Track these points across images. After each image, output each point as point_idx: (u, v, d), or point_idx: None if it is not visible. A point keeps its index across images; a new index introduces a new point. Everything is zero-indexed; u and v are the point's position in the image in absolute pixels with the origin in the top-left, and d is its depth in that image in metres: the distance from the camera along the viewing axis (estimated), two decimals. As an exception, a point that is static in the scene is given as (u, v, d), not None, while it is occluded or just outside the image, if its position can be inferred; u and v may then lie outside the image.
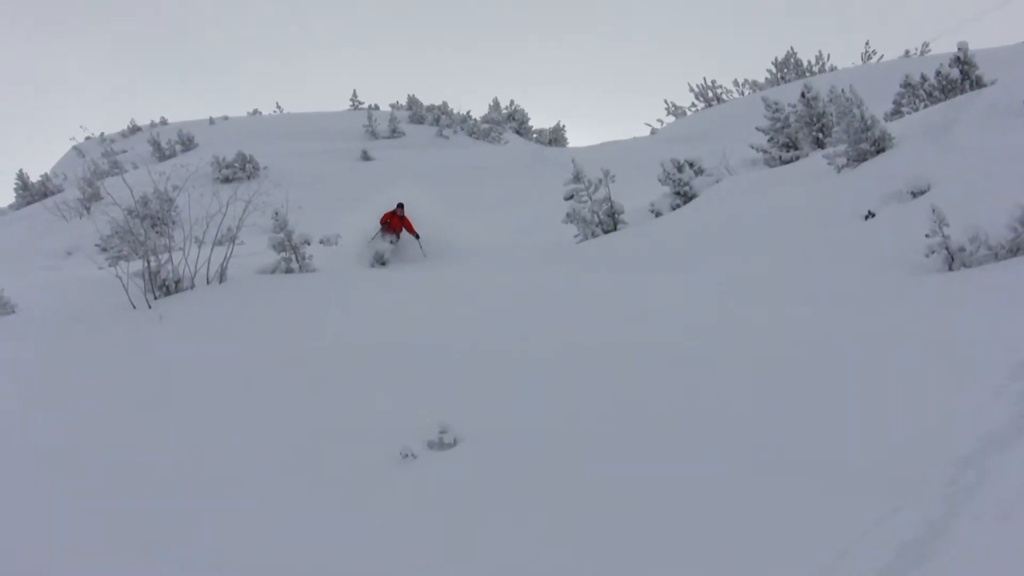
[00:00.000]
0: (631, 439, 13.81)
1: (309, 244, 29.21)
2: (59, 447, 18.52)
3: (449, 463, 15.35)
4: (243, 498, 16.12)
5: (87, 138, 67.36)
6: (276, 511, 15.02)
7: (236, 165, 48.92)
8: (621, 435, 14.13)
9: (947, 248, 16.39)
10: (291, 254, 28.63)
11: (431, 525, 12.94)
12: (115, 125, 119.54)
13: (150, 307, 26.60)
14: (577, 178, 27.84)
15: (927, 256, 16.60)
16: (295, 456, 17.19)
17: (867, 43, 72.57)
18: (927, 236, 16.55)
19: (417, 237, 30.84)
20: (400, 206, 31.01)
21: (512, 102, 68.57)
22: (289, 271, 28.44)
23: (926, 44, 59.22)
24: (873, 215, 19.97)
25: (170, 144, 59.64)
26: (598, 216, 27.54)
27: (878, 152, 23.30)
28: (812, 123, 29.16)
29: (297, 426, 18.00)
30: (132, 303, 26.59)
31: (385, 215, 31.05)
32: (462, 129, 63.14)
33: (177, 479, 17.15)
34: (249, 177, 46.74)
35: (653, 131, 63.64)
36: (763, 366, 14.60)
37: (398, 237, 31.31)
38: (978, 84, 28.78)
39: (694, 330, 17.05)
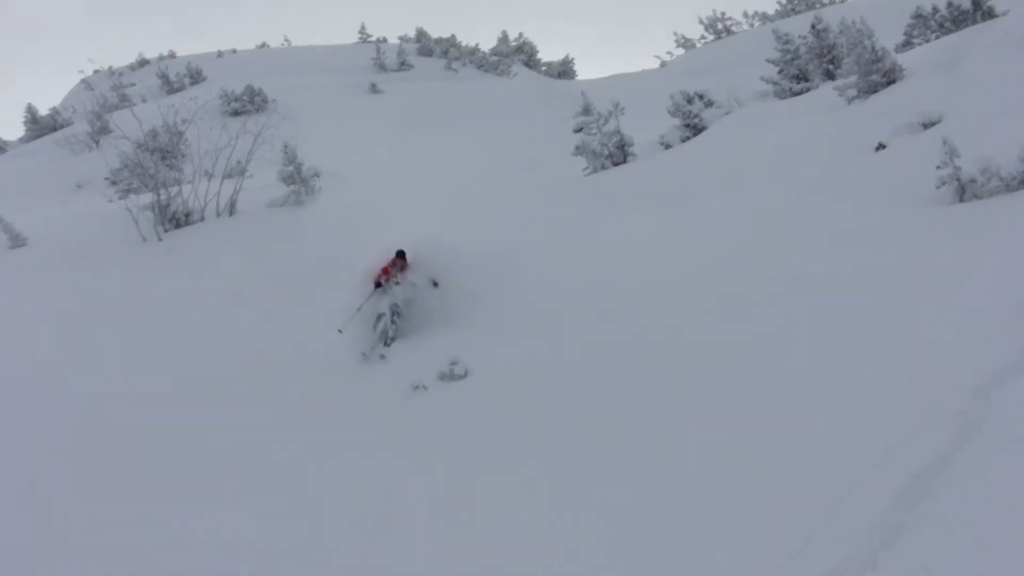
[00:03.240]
0: (647, 371, 14.05)
1: (319, 176, 29.14)
2: (79, 387, 18.77)
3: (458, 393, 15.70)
4: (262, 430, 16.41)
5: (95, 71, 66.80)
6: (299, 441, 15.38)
7: (245, 98, 48.68)
8: (628, 366, 14.33)
9: (958, 180, 16.31)
10: (300, 187, 28.59)
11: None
12: (123, 58, 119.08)
13: (160, 240, 26.69)
14: (586, 111, 27.71)
15: (938, 188, 16.53)
16: (314, 387, 17.47)
17: (879, -26, 72.01)
18: (938, 168, 16.48)
19: (435, 284, 20.63)
20: (401, 255, 20.81)
21: (521, 35, 68.26)
22: (299, 203, 28.40)
23: (938, -25, 58.49)
24: (884, 147, 19.87)
25: (178, 77, 59.25)
26: (607, 148, 27.41)
27: (888, 84, 23.14)
28: (822, 55, 28.94)
29: (314, 354, 18.25)
30: (142, 236, 26.70)
31: (383, 269, 20.62)
32: (471, 62, 62.68)
33: (194, 412, 17.45)
34: (258, 110, 46.50)
35: (663, 64, 63.37)
36: (777, 302, 14.67)
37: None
38: (990, 15, 28.49)
39: (712, 265, 17.11)
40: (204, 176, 29.24)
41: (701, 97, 28.96)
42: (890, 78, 23.12)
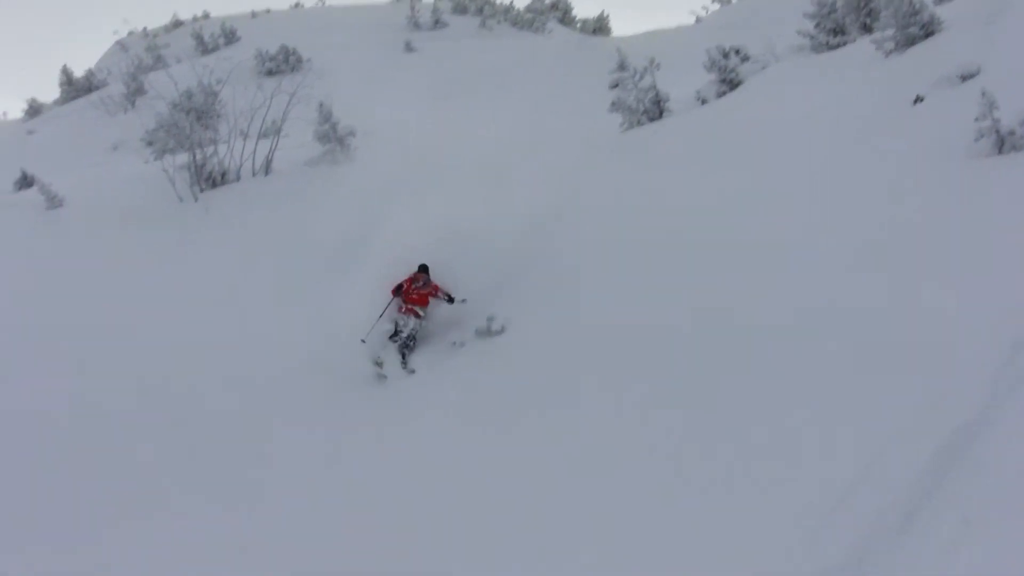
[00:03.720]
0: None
1: (354, 135, 29.15)
2: (117, 345, 18.90)
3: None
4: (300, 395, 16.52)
5: (130, 33, 67.18)
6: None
7: (279, 58, 48.69)
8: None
9: (997, 131, 16.11)
10: (336, 145, 28.63)
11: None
12: (157, 20, 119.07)
13: (196, 200, 26.79)
14: (622, 67, 27.60)
15: (977, 140, 16.36)
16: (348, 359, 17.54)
17: (917, -75, 71.22)
18: (977, 120, 16.32)
19: (451, 300, 19.66)
20: (423, 269, 19.67)
21: (556, -9, 67.98)
22: (335, 162, 28.46)
23: (978, -75, 57.83)
24: (922, 100, 19.68)
25: (213, 38, 59.24)
26: (643, 104, 27.28)
27: (927, 36, 22.88)
28: (859, 8, 28.64)
29: (348, 325, 18.25)
30: (179, 196, 26.80)
31: (402, 283, 19.54)
32: (505, 19, 62.37)
33: (237, 376, 17.58)
34: (292, 70, 46.51)
35: (698, 19, 62.96)
36: (813, 257, 14.61)
37: (420, 316, 19.61)
38: (1031, -34, 28.24)
39: (749, 224, 17.01)
40: (240, 136, 29.32)
41: (737, 52, 28.73)
42: (928, 30, 22.88)
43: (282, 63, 48.29)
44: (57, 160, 38.75)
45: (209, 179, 27.93)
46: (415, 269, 19.52)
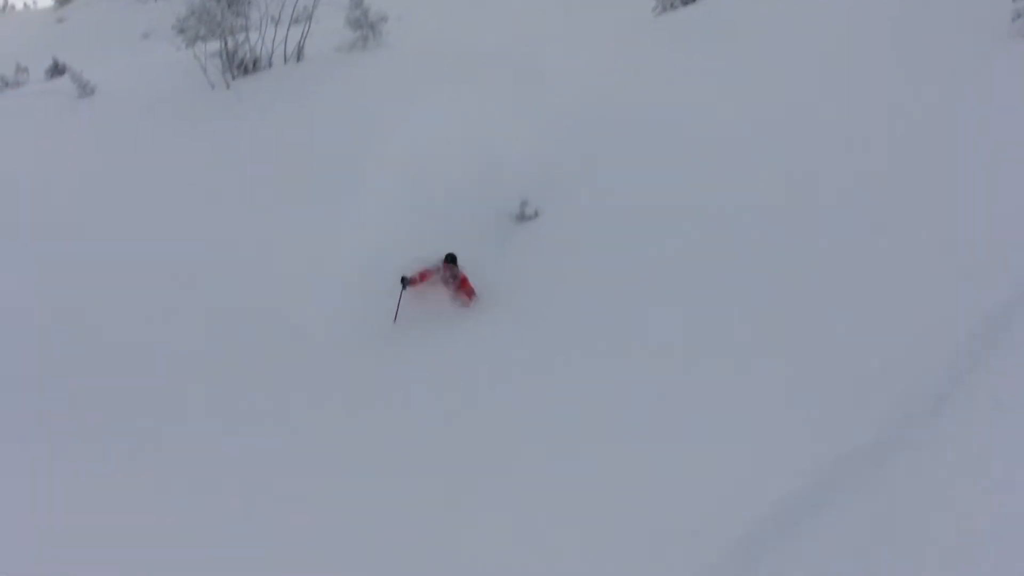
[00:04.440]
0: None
1: (386, 21, 28.96)
2: (157, 237, 18.96)
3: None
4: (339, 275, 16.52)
5: (159, -82, 66.68)
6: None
7: (310, -58, 48.25)
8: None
9: (1034, 12, 16.00)
10: (368, 31, 28.47)
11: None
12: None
13: (228, 87, 26.74)
14: (655, -54, 27.24)
15: (1014, 20, 16.21)
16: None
17: None
18: (1014, 0, 16.16)
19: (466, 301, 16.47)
20: (451, 259, 16.49)
21: None
22: (366, 48, 28.31)
23: None
24: (960, -20, 19.46)
25: (243, -77, 58.74)
26: (678, -13, 26.99)
27: (965, -88, 22.56)
28: None
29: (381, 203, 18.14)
30: (211, 83, 26.75)
31: (421, 275, 16.51)
32: (538, -102, 61.43)
33: (267, 257, 17.62)
34: (324, -46, 46.14)
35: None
36: (854, 142, 14.55)
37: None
38: None
39: (787, 111, 16.90)
40: (271, 22, 29.22)
41: (776, -70, 28.30)
42: (968, -94, 22.51)
43: (314, -53, 47.81)
44: (88, 48, 38.74)
45: (241, 66, 27.85)
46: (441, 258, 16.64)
